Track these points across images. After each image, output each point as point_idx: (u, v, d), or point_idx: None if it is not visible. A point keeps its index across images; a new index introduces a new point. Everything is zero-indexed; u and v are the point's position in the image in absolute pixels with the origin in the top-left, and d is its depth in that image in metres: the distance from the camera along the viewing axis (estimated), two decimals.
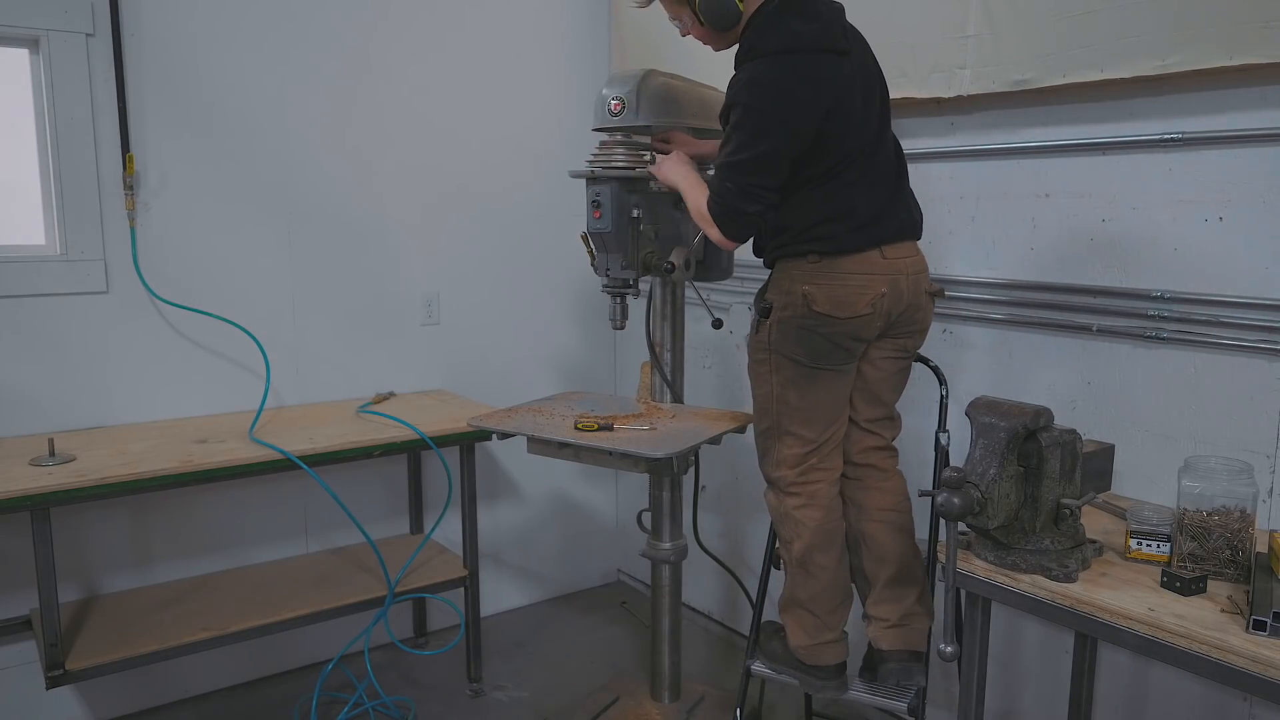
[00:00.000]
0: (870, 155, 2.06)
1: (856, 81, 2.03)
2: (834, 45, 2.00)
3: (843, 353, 2.09)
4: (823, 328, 2.05)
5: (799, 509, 2.18)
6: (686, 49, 2.31)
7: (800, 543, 2.18)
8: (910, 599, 2.19)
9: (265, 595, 2.85)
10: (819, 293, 2.03)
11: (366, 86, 3.22)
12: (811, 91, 1.97)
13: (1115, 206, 2.23)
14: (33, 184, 2.76)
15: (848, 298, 2.03)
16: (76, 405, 2.82)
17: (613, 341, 3.89)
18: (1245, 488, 1.69)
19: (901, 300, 2.08)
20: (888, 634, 2.19)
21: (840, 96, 1.99)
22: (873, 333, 2.09)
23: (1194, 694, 2.15)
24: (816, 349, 2.08)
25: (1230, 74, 1.97)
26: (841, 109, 1.99)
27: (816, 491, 2.18)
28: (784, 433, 2.17)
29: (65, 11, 2.67)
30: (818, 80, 1.97)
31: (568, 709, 2.91)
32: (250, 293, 3.06)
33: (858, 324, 2.05)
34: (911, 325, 2.15)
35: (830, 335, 2.06)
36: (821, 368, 2.10)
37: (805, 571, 2.20)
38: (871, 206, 2.05)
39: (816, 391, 2.12)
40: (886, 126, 2.13)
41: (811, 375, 2.10)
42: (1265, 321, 1.98)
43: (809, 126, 1.97)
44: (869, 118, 2.06)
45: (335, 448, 2.67)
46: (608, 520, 4.03)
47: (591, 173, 2.40)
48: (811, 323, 2.05)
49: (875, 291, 2.03)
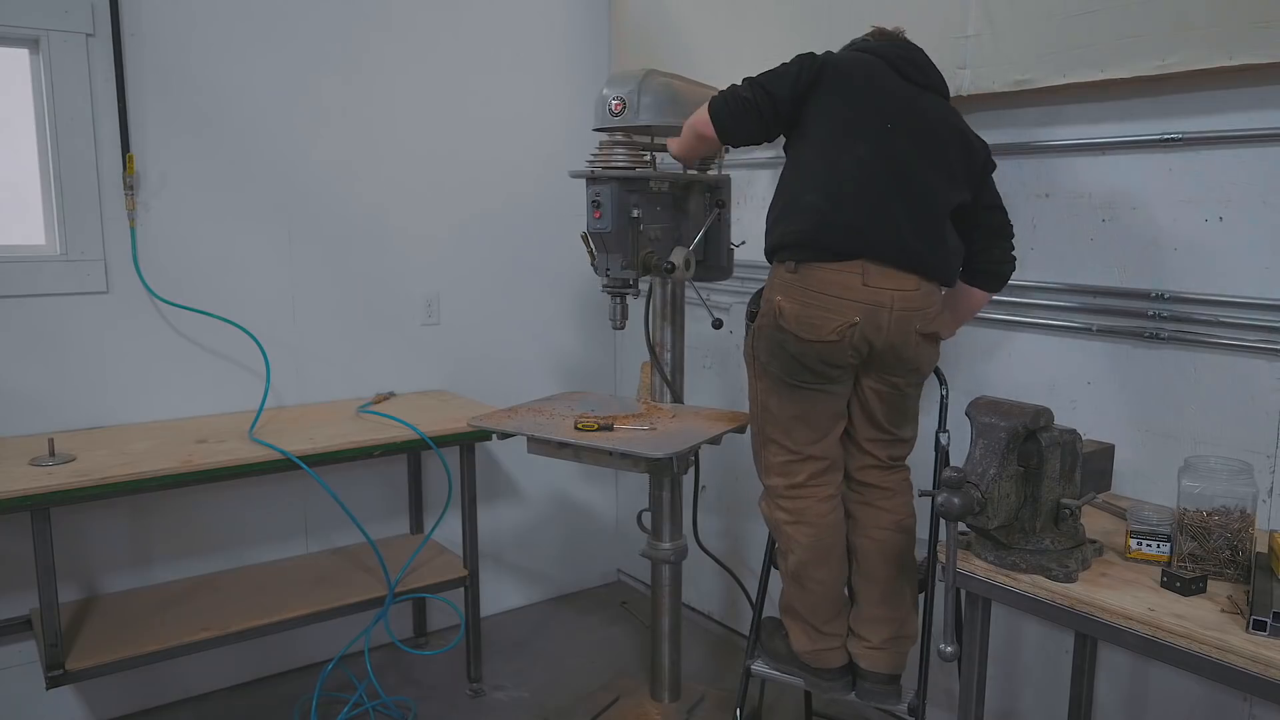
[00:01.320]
0: (884, 145, 1.99)
1: (914, 105, 2.04)
2: (896, 65, 2.08)
3: (812, 374, 2.03)
4: (790, 345, 2.01)
5: (789, 525, 2.16)
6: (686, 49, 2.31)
7: (794, 557, 2.17)
8: (894, 624, 2.17)
9: (265, 595, 2.85)
10: (788, 307, 1.99)
11: (367, 86, 3.22)
12: (848, 60, 2.05)
13: (1115, 206, 2.23)
14: (33, 184, 2.76)
15: (813, 319, 1.96)
16: (76, 405, 2.82)
17: (613, 341, 3.89)
18: (1245, 488, 1.69)
19: (880, 335, 1.97)
20: (868, 654, 2.18)
21: (874, 80, 2.03)
22: (844, 360, 2.00)
23: (1194, 694, 2.15)
24: (786, 365, 2.04)
25: (1230, 74, 1.97)
26: (866, 91, 2.02)
27: (805, 509, 2.13)
28: (767, 440, 2.16)
29: (65, 11, 2.67)
30: (861, 62, 2.05)
31: (568, 709, 2.91)
32: (250, 293, 3.06)
33: (824, 349, 1.98)
34: (899, 365, 2.04)
35: (798, 354, 2.01)
36: (795, 384, 2.06)
37: (799, 584, 2.18)
38: (866, 204, 1.97)
39: (796, 405, 2.09)
40: (932, 165, 2.02)
41: (789, 388, 2.08)
42: (1265, 321, 1.98)
43: (821, 70, 2.03)
44: (906, 140, 2.00)
45: (335, 448, 2.67)
46: (608, 520, 4.03)
47: (591, 173, 2.40)
48: (780, 337, 2.02)
49: (845, 319, 1.94)
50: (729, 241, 2.68)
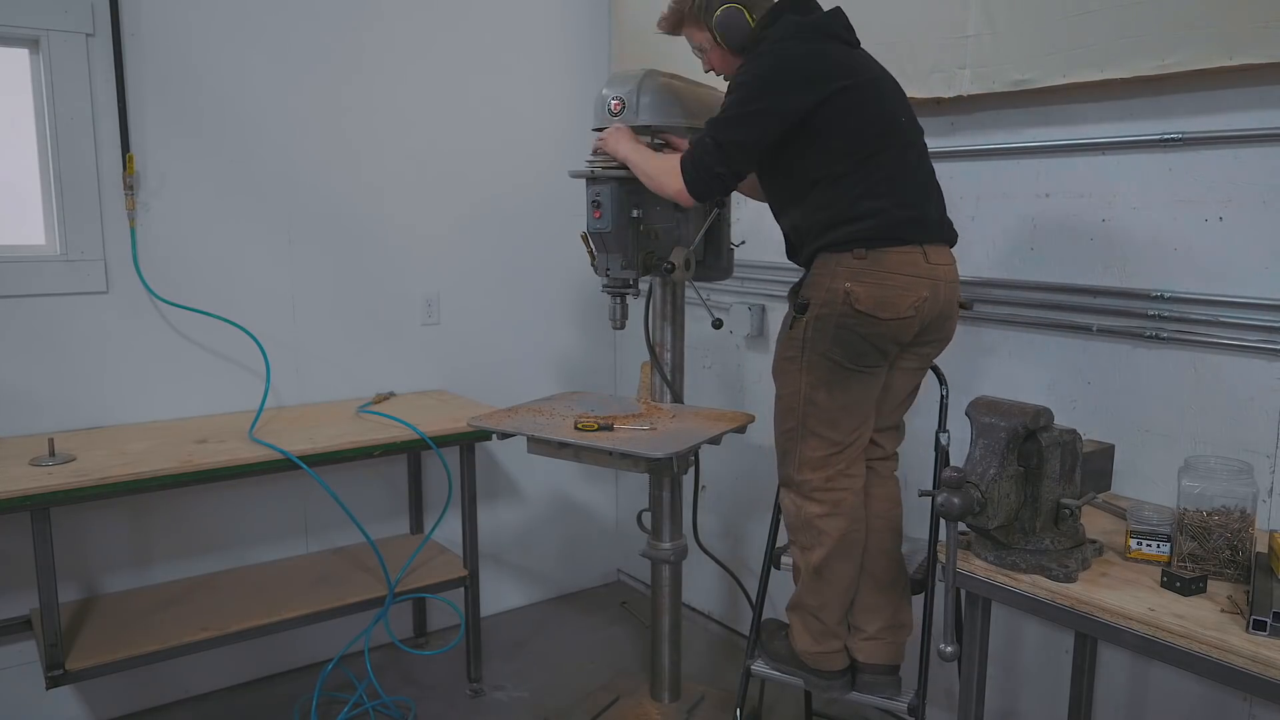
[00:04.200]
0: (905, 139, 2.07)
1: (875, 71, 2.07)
2: (839, 34, 2.07)
3: (878, 354, 2.07)
4: (862, 327, 2.02)
5: (822, 518, 2.13)
6: (686, 49, 2.31)
7: (821, 550, 2.15)
8: (889, 611, 2.19)
9: (265, 595, 2.85)
10: (863, 291, 2.00)
11: (366, 86, 3.22)
12: (813, 62, 2.01)
13: (1115, 206, 2.23)
14: (33, 184, 2.76)
15: (891, 298, 2.00)
16: (76, 405, 2.82)
17: (613, 341, 3.89)
18: (1245, 488, 1.69)
19: (938, 306, 2.06)
20: (865, 646, 2.20)
21: (852, 72, 2.02)
22: (909, 336, 2.06)
23: (1194, 694, 2.15)
24: (854, 349, 2.04)
25: (1230, 74, 1.96)
26: (860, 85, 2.02)
27: (842, 500, 2.13)
28: (809, 434, 2.13)
29: (65, 11, 2.67)
30: (820, 54, 2.03)
31: (568, 709, 2.91)
32: (250, 293, 3.06)
33: (898, 326, 2.03)
34: (940, 334, 2.14)
35: (869, 335, 2.03)
36: (856, 369, 2.07)
37: (820, 579, 2.17)
38: (914, 196, 2.05)
39: (848, 393, 2.09)
40: (916, 121, 2.13)
41: (844, 376, 2.07)
42: (1265, 321, 1.98)
43: (809, 91, 1.99)
44: (895, 102, 2.09)
45: (335, 448, 2.68)
46: (608, 520, 4.03)
47: (591, 173, 2.39)
48: (852, 322, 2.02)
49: (918, 295, 2.01)
50: (729, 241, 2.68)
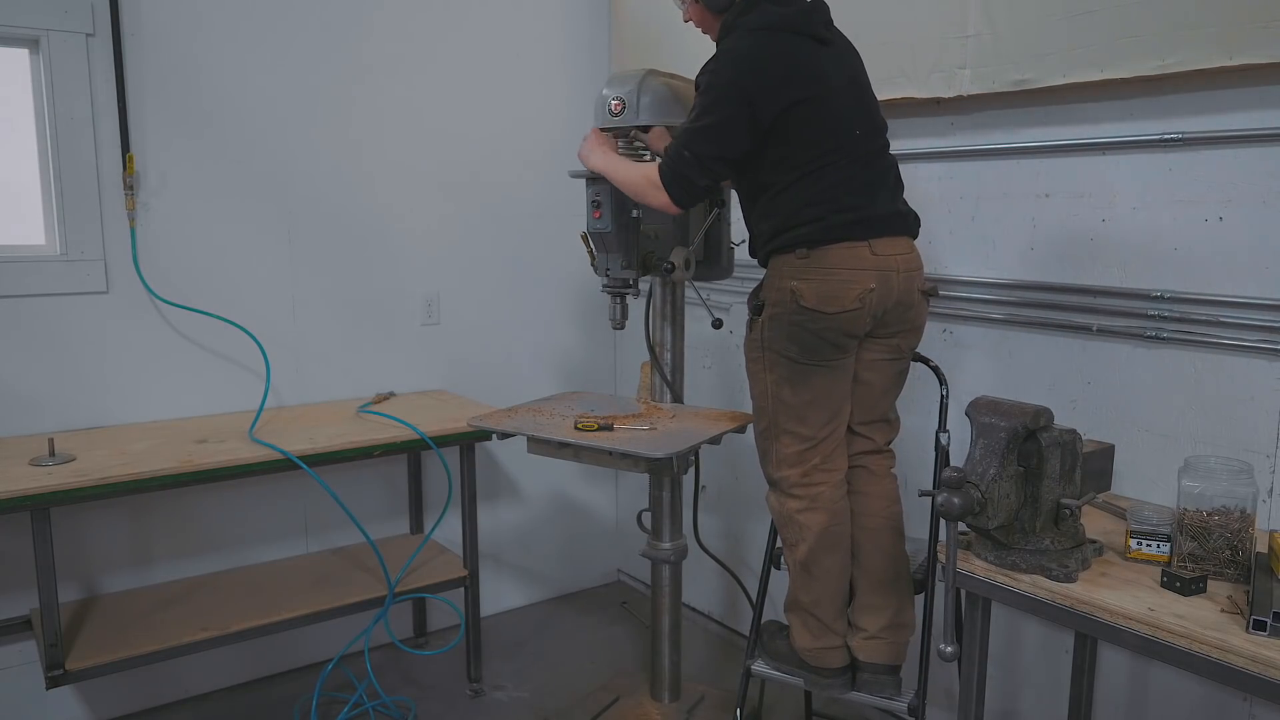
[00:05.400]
0: (856, 150, 2.07)
1: (839, 73, 2.07)
2: (811, 30, 2.06)
3: (832, 349, 2.09)
4: (812, 323, 2.06)
5: (801, 513, 2.17)
6: (686, 49, 2.32)
7: (804, 546, 2.18)
8: (889, 610, 2.20)
9: (265, 595, 2.85)
10: (806, 288, 2.04)
11: (366, 86, 3.22)
12: (781, 68, 2.01)
13: (1115, 206, 2.23)
14: (33, 184, 2.76)
15: (835, 292, 2.04)
16: (76, 405, 2.81)
17: (613, 341, 3.89)
18: (1245, 488, 1.69)
19: (891, 296, 2.08)
20: (865, 645, 2.20)
21: (816, 82, 2.02)
22: (862, 328, 2.09)
23: (1194, 694, 2.15)
24: (807, 345, 2.08)
25: (1230, 74, 1.97)
26: (821, 97, 2.02)
27: (819, 494, 2.17)
28: (781, 431, 2.17)
29: (65, 11, 2.67)
30: (789, 58, 2.02)
31: (568, 709, 2.91)
32: (250, 292, 3.06)
33: (846, 319, 2.05)
34: (903, 324, 2.15)
35: (819, 331, 2.06)
36: (814, 364, 2.10)
37: (809, 575, 2.19)
38: (858, 199, 2.06)
39: (811, 388, 2.12)
40: (876, 125, 2.14)
41: (804, 371, 2.11)
42: (1265, 321, 1.98)
43: (774, 102, 2.00)
44: (855, 113, 2.08)
45: (335, 448, 2.67)
46: (608, 520, 4.03)
47: (591, 173, 2.40)
48: (800, 318, 2.06)
49: (863, 286, 2.04)
50: (729, 241, 2.68)
